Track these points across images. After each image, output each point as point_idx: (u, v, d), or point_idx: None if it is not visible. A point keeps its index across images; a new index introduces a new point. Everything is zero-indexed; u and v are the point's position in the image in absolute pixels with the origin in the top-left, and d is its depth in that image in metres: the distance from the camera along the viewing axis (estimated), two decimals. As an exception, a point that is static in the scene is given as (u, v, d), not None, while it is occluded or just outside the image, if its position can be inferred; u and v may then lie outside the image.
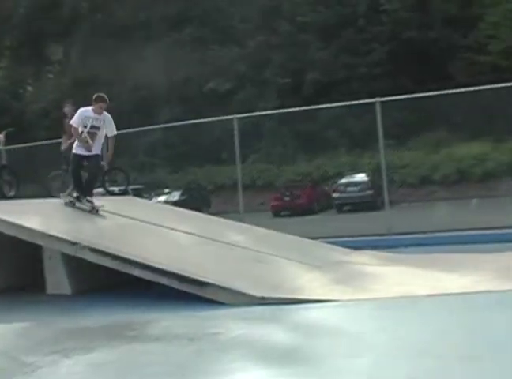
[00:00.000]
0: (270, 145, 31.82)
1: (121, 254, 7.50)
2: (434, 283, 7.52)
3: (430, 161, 27.69)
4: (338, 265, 8.86)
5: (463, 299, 6.68)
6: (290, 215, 24.71)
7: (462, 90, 14.52)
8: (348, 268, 8.77)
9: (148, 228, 9.18)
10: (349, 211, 24.55)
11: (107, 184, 13.05)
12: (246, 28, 38.18)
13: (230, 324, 6.37)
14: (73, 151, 10.00)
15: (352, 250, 10.37)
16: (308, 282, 7.83)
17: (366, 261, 9.27)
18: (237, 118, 15.09)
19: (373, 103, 13.40)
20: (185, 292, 7.12)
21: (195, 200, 25.85)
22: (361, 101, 14.16)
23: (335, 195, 27.25)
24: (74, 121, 9.88)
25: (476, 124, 25.35)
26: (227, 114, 15.80)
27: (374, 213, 17.12)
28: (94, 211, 9.69)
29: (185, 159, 27.37)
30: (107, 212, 9.74)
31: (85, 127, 9.74)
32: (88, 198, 9.78)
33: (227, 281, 7.17)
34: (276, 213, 27.15)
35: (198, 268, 7.46)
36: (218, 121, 16.26)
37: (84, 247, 7.65)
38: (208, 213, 17.54)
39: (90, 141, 9.70)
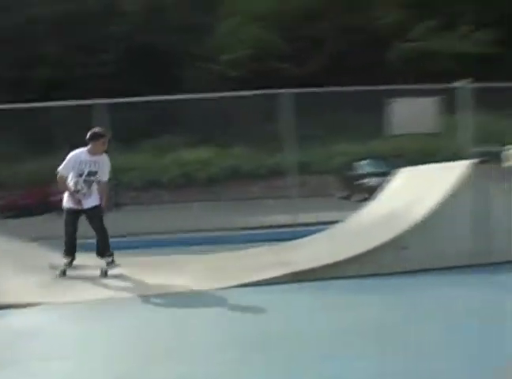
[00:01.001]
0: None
1: None
2: (141, 285, 7.66)
3: (157, 165, 28.04)
4: (46, 269, 8.58)
5: (166, 300, 6.90)
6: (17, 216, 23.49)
7: (190, 96, 14.98)
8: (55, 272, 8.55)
9: None
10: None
11: None
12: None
13: None
14: (65, 204, 7.96)
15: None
16: (13, 286, 7.52)
17: (76, 264, 9.09)
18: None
19: (94, 105, 13.14)
20: None
21: None
22: (82, 102, 13.69)
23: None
24: (64, 169, 7.76)
25: (202, 130, 26.18)
26: None
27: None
28: (103, 274, 8.08)
29: None
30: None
31: (81, 175, 7.79)
32: (109, 263, 8.04)
33: None
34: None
35: None
36: None
37: None
38: None
39: (86, 192, 7.84)
